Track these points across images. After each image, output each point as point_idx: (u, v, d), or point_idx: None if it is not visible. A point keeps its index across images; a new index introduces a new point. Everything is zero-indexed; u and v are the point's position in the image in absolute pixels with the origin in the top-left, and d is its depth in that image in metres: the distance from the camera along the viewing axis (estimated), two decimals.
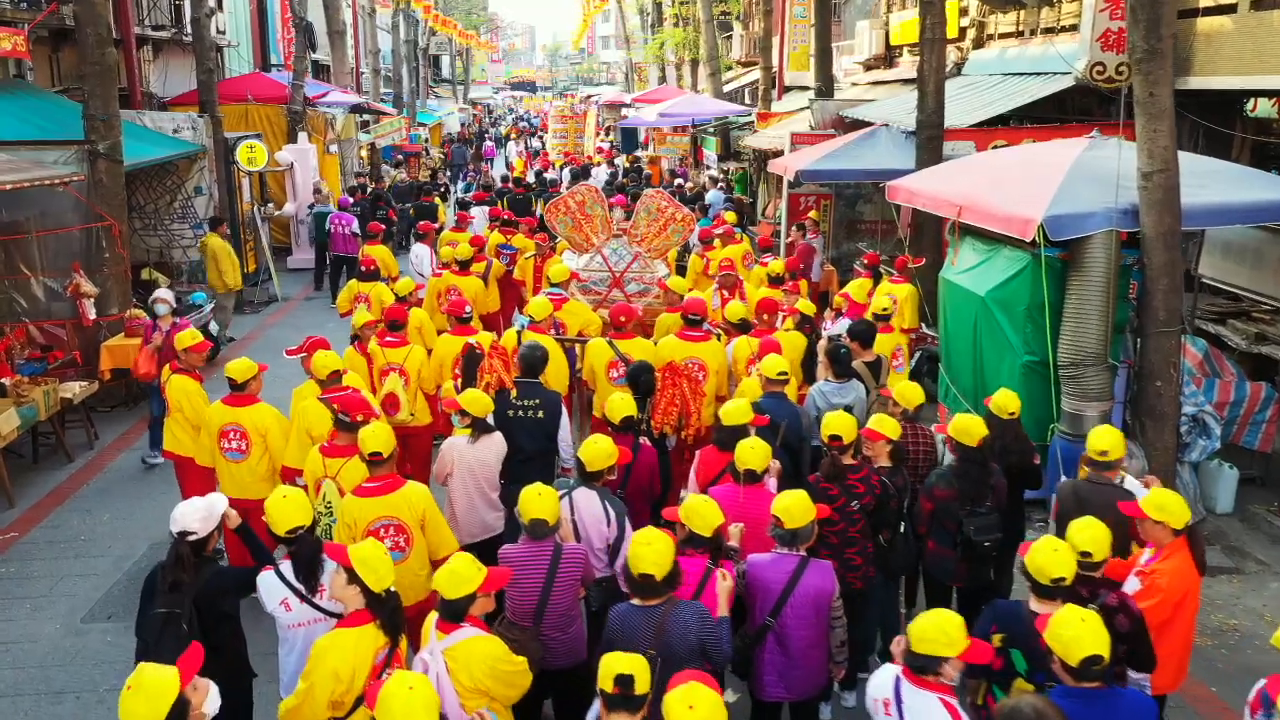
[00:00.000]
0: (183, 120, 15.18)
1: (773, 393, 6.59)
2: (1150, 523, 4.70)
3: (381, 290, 10.57)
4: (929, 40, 11.50)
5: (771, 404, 6.47)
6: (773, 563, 4.58)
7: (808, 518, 4.53)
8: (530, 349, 6.60)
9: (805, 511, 4.53)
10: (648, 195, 10.03)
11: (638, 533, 4.23)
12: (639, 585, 4.14)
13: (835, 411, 5.47)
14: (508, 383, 6.52)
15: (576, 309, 9.30)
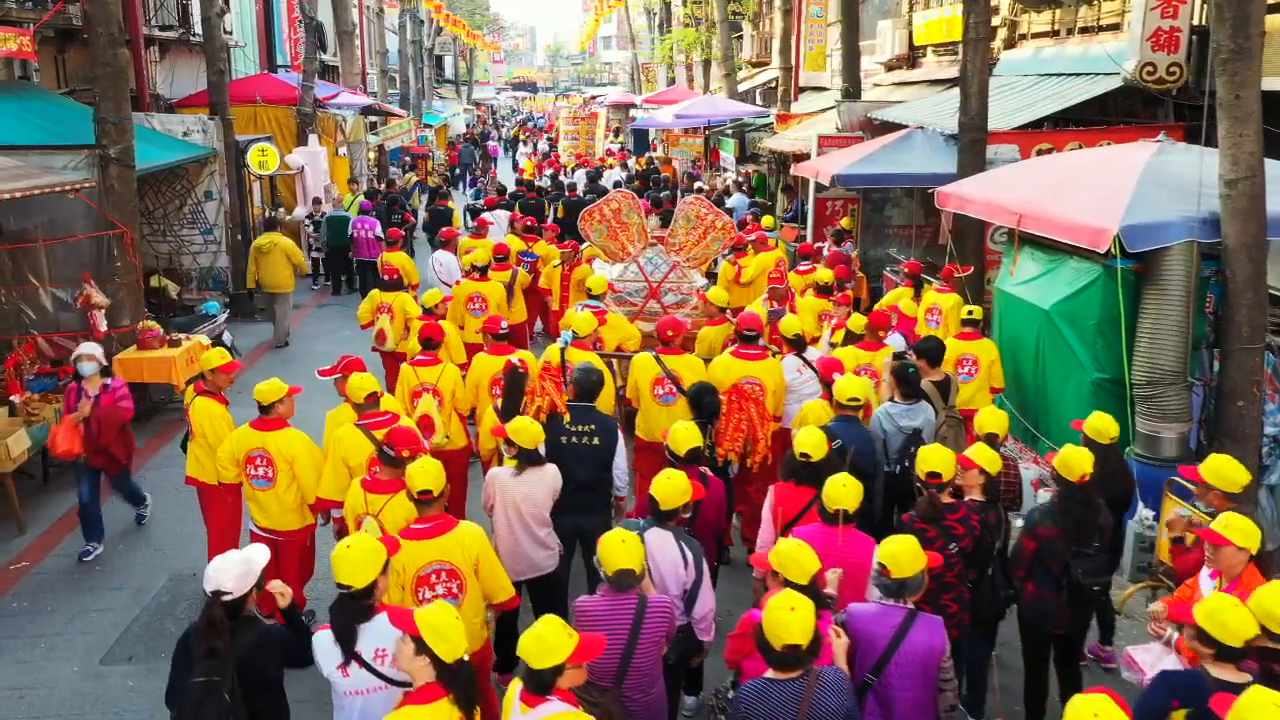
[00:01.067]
0: (193, 123, 14.75)
1: (845, 417, 6.14)
2: (1231, 549, 4.28)
3: (405, 300, 10.13)
4: (973, 39, 11.04)
5: (842, 429, 6.04)
6: (877, 615, 4.13)
7: (917, 566, 4.09)
8: (586, 372, 6.16)
9: (915, 560, 4.09)
10: (686, 202, 9.59)
11: (775, 597, 3.75)
12: (782, 658, 3.65)
13: (932, 445, 5.03)
14: (560, 407, 6.07)
15: (615, 322, 8.88)
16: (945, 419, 6.82)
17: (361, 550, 3.96)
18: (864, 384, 6.20)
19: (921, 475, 4.93)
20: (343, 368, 6.71)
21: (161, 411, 10.97)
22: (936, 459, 4.89)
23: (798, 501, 5.38)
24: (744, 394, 6.23)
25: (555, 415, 6.05)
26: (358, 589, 3.92)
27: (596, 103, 46.72)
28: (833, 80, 24.73)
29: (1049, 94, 12.93)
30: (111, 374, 7.59)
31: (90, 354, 7.61)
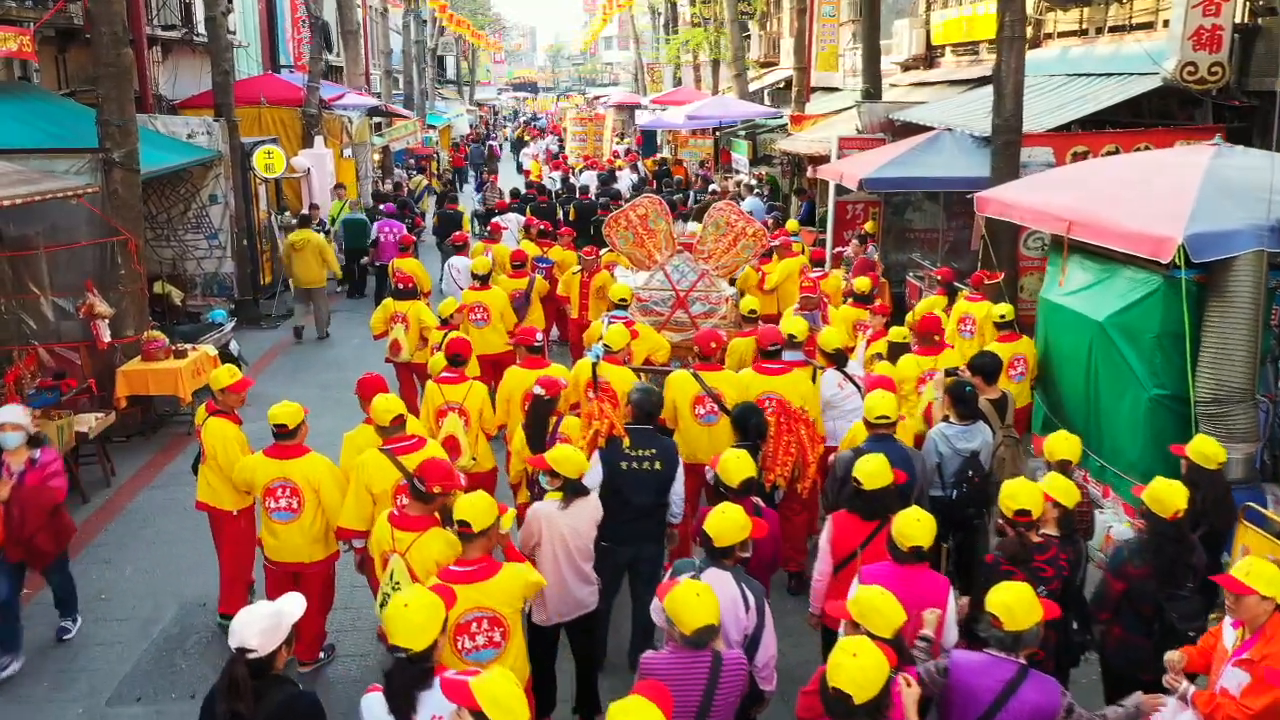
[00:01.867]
0: (197, 124, 14.37)
1: (878, 436, 5.75)
2: (1255, 599, 3.89)
3: (420, 309, 9.75)
4: (1008, 38, 10.64)
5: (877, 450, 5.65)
6: (984, 668, 3.74)
7: (1033, 618, 3.70)
8: (646, 393, 5.79)
9: (1030, 611, 3.70)
10: (716, 208, 9.21)
11: (843, 642, 3.37)
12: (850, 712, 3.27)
13: (1017, 480, 4.62)
14: (620, 429, 5.68)
15: (643, 332, 8.51)
16: (1003, 438, 6.43)
17: (420, 609, 3.56)
18: (894, 401, 5.81)
19: (1008, 513, 4.53)
20: (363, 385, 6.29)
21: (167, 424, 10.58)
22: (1025, 495, 4.49)
23: (856, 534, 5.00)
24: (793, 414, 5.83)
25: (614, 439, 5.66)
26: (417, 652, 3.51)
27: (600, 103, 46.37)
28: (845, 81, 24.41)
29: (1080, 95, 12.54)
30: (43, 443, 6.30)
31: (12, 422, 6.10)
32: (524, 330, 7.31)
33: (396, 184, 20.41)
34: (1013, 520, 4.52)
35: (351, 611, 6.74)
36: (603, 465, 5.57)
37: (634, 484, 5.60)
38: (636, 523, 5.56)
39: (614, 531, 5.43)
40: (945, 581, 4.40)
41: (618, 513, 5.44)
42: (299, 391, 11.66)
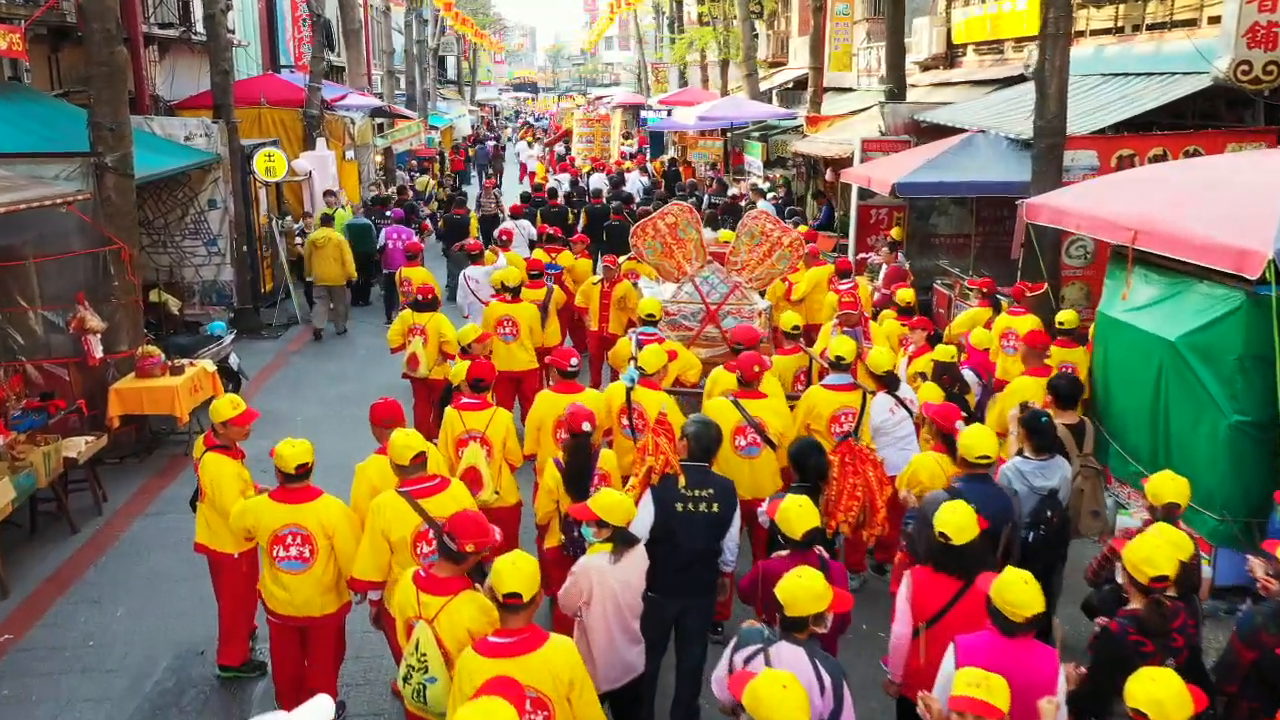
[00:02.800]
0: (195, 126, 13.79)
1: (974, 476, 5.17)
2: None
3: (440, 322, 9.20)
4: (1052, 35, 10.06)
5: (973, 491, 5.07)
6: None
7: (1186, 713, 3.12)
8: (703, 425, 5.23)
9: (1183, 706, 3.12)
10: (750, 217, 8.63)
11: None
12: None
13: (1148, 538, 4.03)
14: (676, 466, 5.10)
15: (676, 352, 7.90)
16: (1081, 469, 5.86)
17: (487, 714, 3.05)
18: (995, 438, 5.21)
19: (1141, 579, 3.93)
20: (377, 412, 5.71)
21: (163, 445, 9.98)
22: (1163, 559, 3.88)
23: (941, 593, 4.41)
24: (860, 454, 5.24)
25: (668, 477, 5.08)
26: None
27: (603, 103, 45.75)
28: (859, 81, 23.85)
29: (1122, 95, 11.96)
30: None
31: None
32: (560, 352, 6.70)
33: (401, 187, 19.79)
34: (1149, 586, 3.93)
35: (363, 662, 6.15)
36: (655, 506, 4.99)
37: (688, 527, 5.04)
38: (688, 570, 5.01)
39: (663, 581, 4.86)
40: (1053, 656, 3.83)
41: (667, 560, 4.88)
42: (302, 407, 11.12)
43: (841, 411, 6.62)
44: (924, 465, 5.74)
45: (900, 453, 6.93)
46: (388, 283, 15.05)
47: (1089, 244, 10.90)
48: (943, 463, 5.74)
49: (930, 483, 5.68)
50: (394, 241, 14.63)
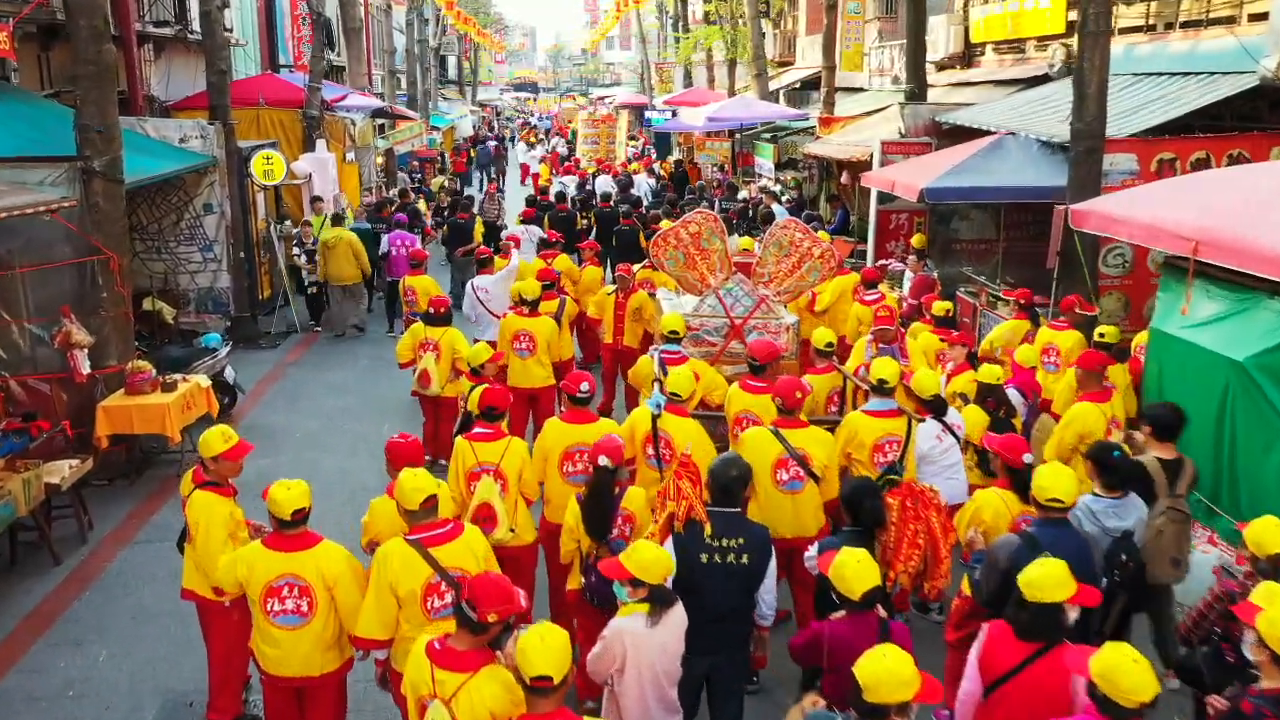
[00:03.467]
0: (190, 128, 13.28)
1: (1051, 520, 4.65)
2: None
3: (454, 337, 8.72)
4: (1092, 33, 9.55)
5: (1048, 536, 4.57)
6: None
7: None
8: (727, 464, 4.69)
9: None
10: (779, 226, 8.11)
11: None
12: None
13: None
14: (701, 514, 4.58)
15: (698, 371, 7.38)
16: (1167, 509, 5.33)
17: None
18: (1071, 478, 4.68)
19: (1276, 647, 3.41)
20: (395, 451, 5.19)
21: (154, 464, 9.46)
22: None
23: (1014, 652, 3.91)
24: (922, 497, 4.72)
25: (693, 524, 4.57)
26: None
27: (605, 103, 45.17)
28: (870, 81, 23.33)
29: (1160, 95, 11.45)
30: None
31: None
32: (571, 375, 6.17)
33: (403, 190, 19.24)
34: None
35: (365, 716, 5.63)
36: (677, 558, 4.46)
37: (715, 581, 4.52)
38: (717, 624, 4.49)
39: (689, 638, 4.33)
40: None
41: (694, 615, 4.34)
42: (300, 421, 10.61)
43: (885, 440, 6.11)
44: (988, 503, 5.22)
45: (947, 482, 6.42)
46: (390, 291, 14.53)
47: (1127, 252, 10.38)
48: (1008, 500, 5.23)
49: (994, 522, 5.18)
50: (397, 248, 14.09)
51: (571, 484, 5.88)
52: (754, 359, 6.50)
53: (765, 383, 6.48)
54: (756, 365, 6.49)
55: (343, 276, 13.95)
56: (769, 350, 6.53)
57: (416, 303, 11.31)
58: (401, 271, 13.96)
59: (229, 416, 10.71)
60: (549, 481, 6.00)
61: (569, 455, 5.94)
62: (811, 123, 20.63)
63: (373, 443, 9.97)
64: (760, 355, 6.48)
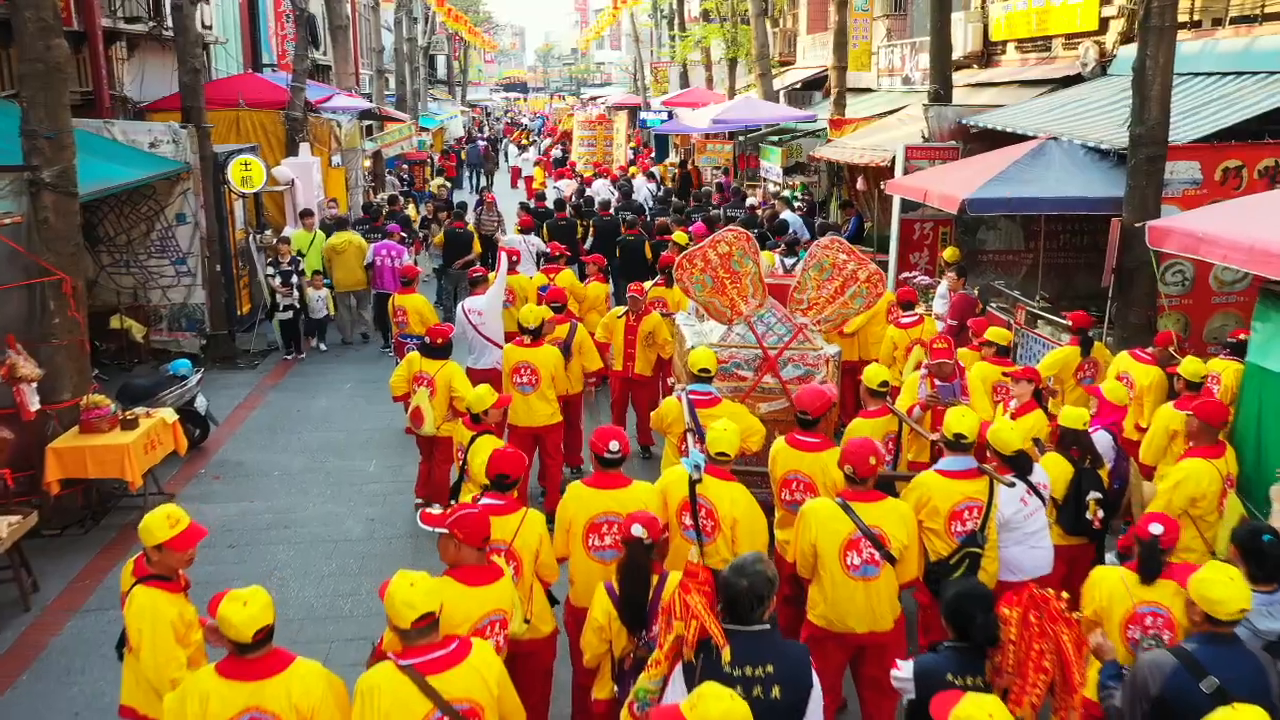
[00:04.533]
0: (162, 131, 12.28)
1: (1216, 636, 3.71)
2: None
3: (453, 372, 7.79)
4: (1156, 28, 8.63)
5: (1215, 659, 3.64)
6: None
7: None
8: (738, 573, 3.68)
9: None
10: (820, 246, 7.14)
11: None
12: None
13: None
14: (718, 638, 3.61)
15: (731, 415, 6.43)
16: None
17: None
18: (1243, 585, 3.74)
19: None
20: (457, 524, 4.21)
21: (113, 510, 8.45)
22: None
23: None
24: (1049, 608, 3.73)
25: (708, 648, 3.61)
26: None
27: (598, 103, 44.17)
28: (879, 81, 22.42)
29: (1220, 96, 10.55)
30: None
31: None
32: (600, 433, 5.15)
33: (393, 197, 18.19)
34: None
35: None
36: (688, 691, 3.48)
37: None
38: None
39: None
40: None
41: None
42: (280, 458, 9.62)
43: (965, 506, 5.17)
44: (1103, 580, 4.35)
45: (1030, 551, 5.51)
46: (378, 304, 13.57)
47: (1188, 269, 9.48)
48: (1129, 582, 4.34)
49: (1107, 605, 4.41)
50: (383, 260, 13.12)
51: (598, 560, 4.93)
52: (804, 412, 5.53)
53: (819, 438, 5.53)
54: (808, 419, 5.52)
55: (350, 282, 13.47)
56: (822, 401, 5.56)
57: (407, 323, 10.37)
58: (387, 284, 13.06)
59: (200, 451, 9.74)
60: (573, 558, 5.03)
61: (595, 527, 4.97)
62: (820, 125, 19.70)
63: (359, 483, 9.01)
64: (812, 408, 5.51)
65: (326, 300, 13.29)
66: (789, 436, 5.60)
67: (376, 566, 7.40)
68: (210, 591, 3.92)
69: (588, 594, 4.63)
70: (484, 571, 4.26)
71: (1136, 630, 4.40)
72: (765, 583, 3.62)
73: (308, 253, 13.37)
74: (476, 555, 4.27)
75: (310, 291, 13.09)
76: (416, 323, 10.24)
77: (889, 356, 9.25)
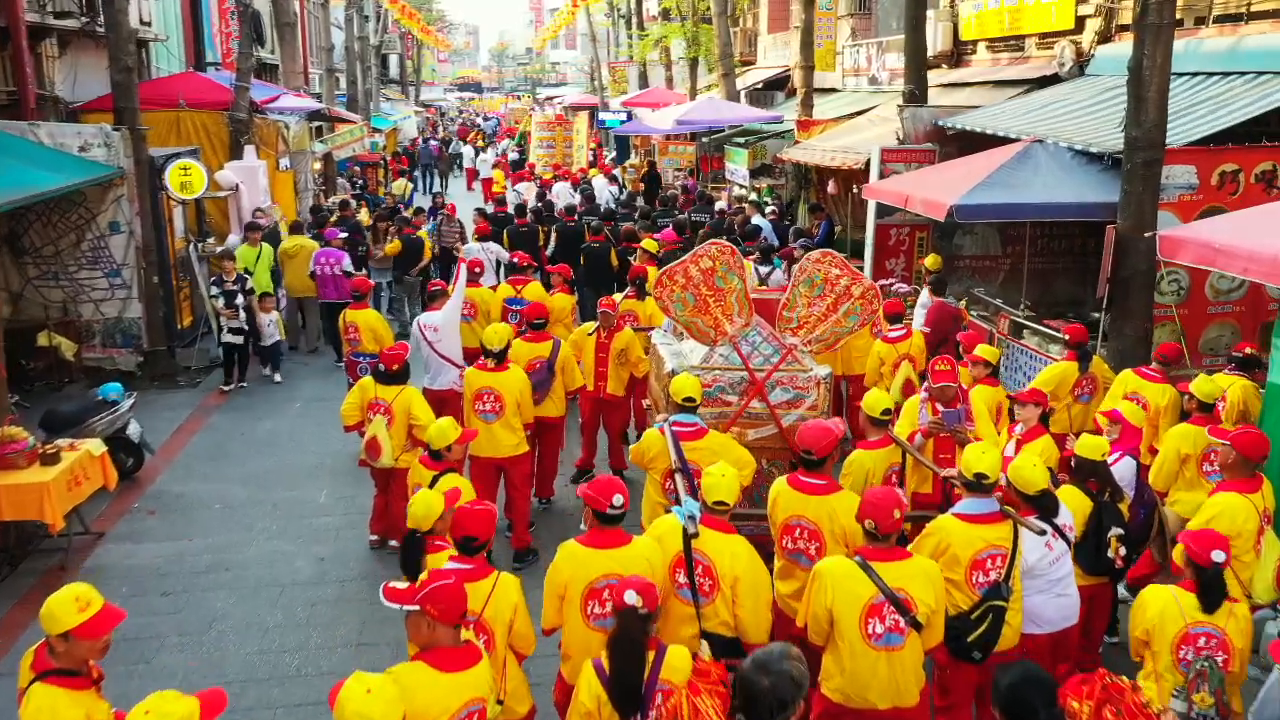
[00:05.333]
0: (92, 134, 11.48)
1: None
2: None
3: (411, 398, 7.14)
4: (1154, 25, 8.20)
5: None
6: None
7: None
8: (765, 668, 3.08)
9: None
10: (812, 260, 6.58)
11: None
12: None
13: None
14: None
15: (719, 446, 5.87)
16: None
17: None
18: None
19: None
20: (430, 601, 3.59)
21: (33, 554, 7.67)
22: None
23: None
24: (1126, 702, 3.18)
25: None
26: None
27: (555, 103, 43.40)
28: (844, 81, 21.99)
29: (1203, 99, 10.19)
30: None
31: None
32: (598, 485, 4.45)
33: (344, 202, 17.36)
34: None
35: None
36: None
37: None
38: None
39: None
40: None
41: None
42: (222, 489, 8.90)
43: (987, 554, 4.65)
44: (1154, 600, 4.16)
45: (1055, 600, 5.01)
46: (327, 314, 12.84)
47: (1183, 278, 9.08)
48: (1185, 605, 4.12)
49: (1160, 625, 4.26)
50: (323, 268, 12.40)
51: (599, 629, 4.29)
52: (809, 451, 4.94)
53: (824, 480, 4.95)
54: (812, 459, 4.93)
55: (301, 288, 12.88)
56: (828, 439, 4.97)
57: (360, 341, 9.66)
58: (330, 294, 12.40)
59: (134, 482, 8.98)
60: (569, 629, 4.38)
61: (595, 592, 4.32)
62: (787, 126, 19.22)
63: (308, 516, 8.32)
64: (817, 447, 4.91)
65: (278, 324, 12.26)
66: (791, 478, 5.02)
67: (327, 616, 6.71)
68: (140, 648, 3.30)
69: None
70: (461, 655, 3.64)
71: (1189, 651, 4.30)
72: (791, 685, 3.02)
73: (255, 270, 12.35)
74: (452, 635, 3.64)
75: (260, 316, 11.96)
76: (370, 340, 9.55)
77: (875, 373, 8.74)
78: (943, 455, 6.24)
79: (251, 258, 12.48)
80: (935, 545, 4.70)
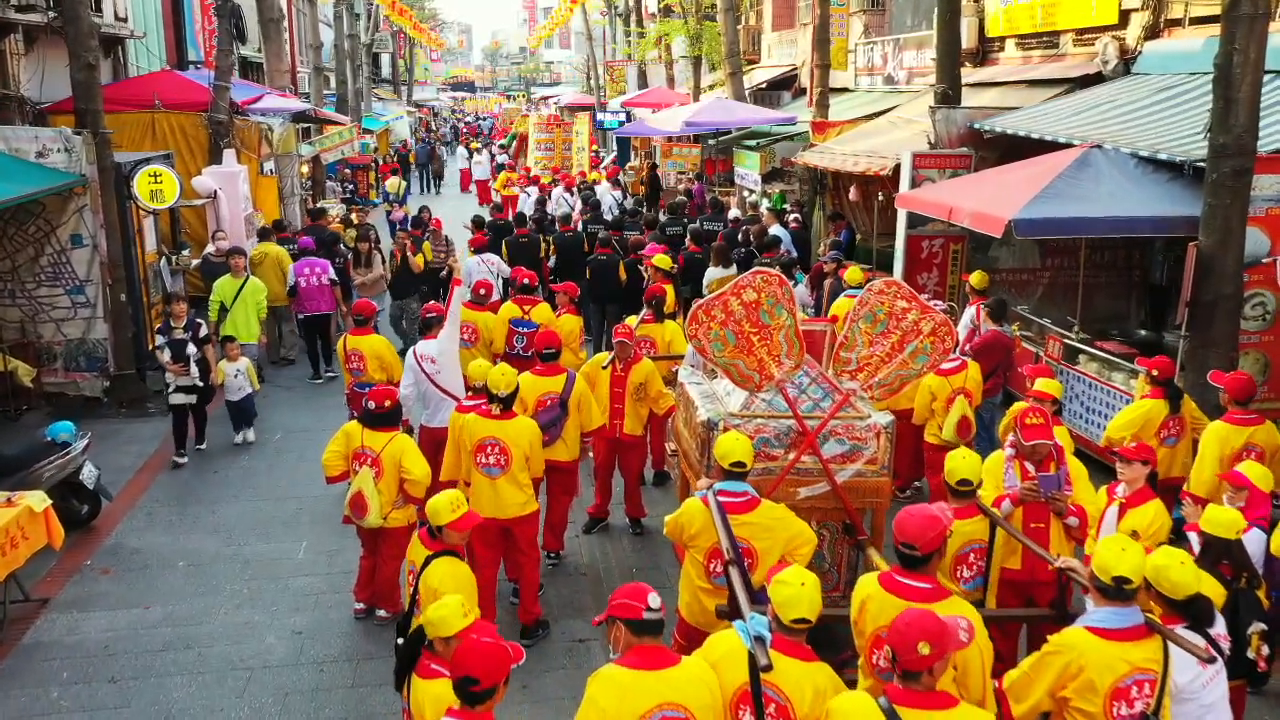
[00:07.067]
0: (51, 139, 10.47)
1: None
2: None
3: (404, 447, 6.11)
4: (1245, 16, 7.22)
5: None
6: None
7: None
8: None
9: None
10: (874, 292, 5.56)
11: None
12: None
13: None
14: None
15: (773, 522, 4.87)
16: None
17: None
18: None
19: None
20: None
21: None
22: None
23: None
24: None
25: None
26: None
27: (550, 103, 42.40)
28: (856, 80, 21.02)
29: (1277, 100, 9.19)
30: None
31: None
32: (629, 591, 3.46)
33: (320, 209, 16.20)
34: None
35: None
36: None
37: None
38: None
39: None
40: None
41: None
42: (188, 541, 7.88)
43: (1132, 680, 3.66)
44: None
45: None
46: (307, 330, 11.89)
47: (1269, 301, 8.11)
48: None
49: None
50: (306, 279, 11.47)
51: None
52: (911, 545, 3.89)
53: (930, 583, 3.91)
54: (916, 557, 3.89)
55: (275, 296, 11.93)
56: (934, 532, 3.88)
57: (364, 370, 8.55)
58: (314, 307, 11.58)
59: (89, 532, 7.94)
60: None
61: None
62: (800, 128, 18.22)
63: (284, 576, 7.28)
64: (921, 541, 3.85)
65: (249, 374, 9.82)
66: (885, 578, 3.97)
67: (303, 709, 5.69)
68: None
69: None
70: None
71: None
72: None
73: (231, 306, 10.89)
74: None
75: (225, 365, 9.71)
76: (376, 369, 8.47)
77: (925, 409, 7.72)
78: (1034, 524, 5.22)
79: (231, 291, 10.96)
80: (1063, 669, 3.70)
